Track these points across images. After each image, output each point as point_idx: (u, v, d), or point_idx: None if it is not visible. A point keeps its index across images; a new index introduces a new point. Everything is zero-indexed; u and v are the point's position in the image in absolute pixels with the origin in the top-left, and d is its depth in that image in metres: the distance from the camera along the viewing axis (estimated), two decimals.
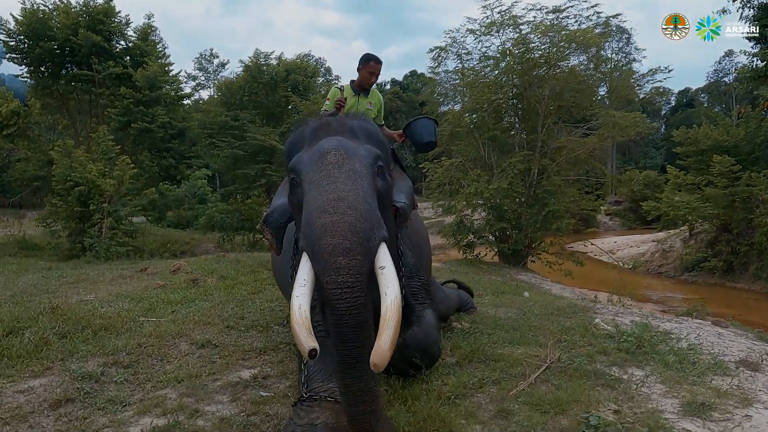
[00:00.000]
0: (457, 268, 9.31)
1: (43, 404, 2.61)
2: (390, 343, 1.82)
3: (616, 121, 10.14)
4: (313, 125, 2.51)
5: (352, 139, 2.38)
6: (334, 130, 2.42)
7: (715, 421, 2.50)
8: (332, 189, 2.02)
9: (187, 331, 3.84)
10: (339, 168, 2.11)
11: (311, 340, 1.79)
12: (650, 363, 3.29)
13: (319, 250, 1.92)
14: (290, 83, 15.05)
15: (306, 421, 2.13)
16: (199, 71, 49.84)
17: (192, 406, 2.62)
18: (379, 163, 2.33)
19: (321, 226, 1.93)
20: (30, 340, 3.36)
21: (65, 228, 11.63)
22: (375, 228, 2.01)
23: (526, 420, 2.46)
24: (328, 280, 1.87)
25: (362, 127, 2.53)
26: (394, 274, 2.02)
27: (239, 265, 7.19)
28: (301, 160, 2.30)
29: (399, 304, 1.92)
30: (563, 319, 4.47)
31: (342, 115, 2.70)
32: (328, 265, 1.88)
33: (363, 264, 1.91)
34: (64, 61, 14.86)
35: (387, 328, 1.84)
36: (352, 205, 1.97)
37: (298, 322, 1.85)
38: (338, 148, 2.20)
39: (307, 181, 2.15)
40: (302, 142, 2.50)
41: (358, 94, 3.93)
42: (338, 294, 1.85)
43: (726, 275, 14.07)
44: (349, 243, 1.89)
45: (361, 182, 2.10)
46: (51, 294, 5.42)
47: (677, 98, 50.73)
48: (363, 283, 1.89)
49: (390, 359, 1.82)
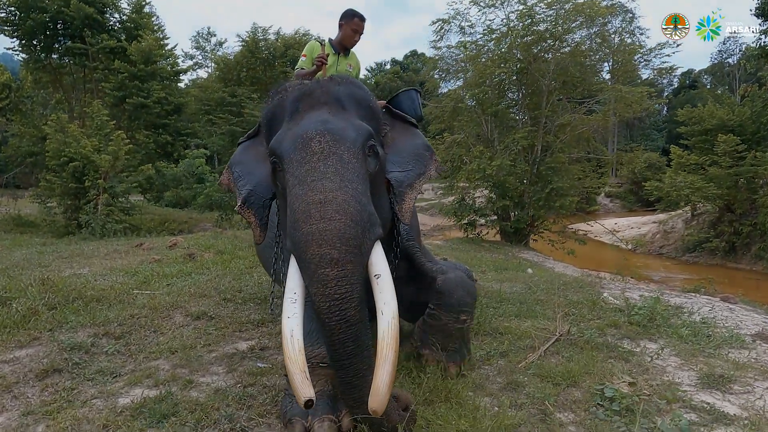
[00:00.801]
0: (459, 246, 9.18)
1: (29, 374, 2.48)
2: (388, 382, 1.62)
3: (623, 95, 9.90)
4: (294, 94, 2.18)
5: (340, 112, 2.10)
6: (318, 101, 2.12)
7: (735, 394, 2.38)
8: (318, 188, 1.79)
9: (183, 303, 3.71)
10: (325, 160, 1.87)
11: (307, 388, 1.62)
12: (663, 336, 3.18)
13: (305, 259, 1.74)
14: (288, 59, 14.75)
15: None
16: (197, 50, 49.04)
17: (185, 377, 2.50)
18: (371, 142, 2.07)
19: (307, 234, 1.74)
20: (17, 311, 3.22)
21: (60, 204, 11.47)
22: (367, 230, 1.82)
23: (537, 392, 2.34)
24: (316, 292, 1.70)
25: (350, 94, 2.19)
26: (391, 286, 1.83)
27: (237, 240, 7.05)
28: (282, 144, 2.01)
29: (397, 327, 1.73)
30: (570, 294, 4.36)
31: (326, 80, 2.30)
32: (315, 277, 1.70)
33: (354, 273, 1.73)
34: (57, 34, 14.47)
35: (385, 362, 1.64)
36: (341, 207, 1.76)
37: (291, 359, 1.67)
38: (323, 134, 1.92)
39: (291, 173, 1.91)
40: (282, 113, 2.19)
41: (338, 53, 3.50)
42: (327, 307, 1.68)
43: (728, 256, 13.98)
44: (337, 252, 1.70)
45: (350, 176, 1.87)
46: (44, 268, 5.28)
47: (680, 79, 50.12)
48: (355, 294, 1.72)
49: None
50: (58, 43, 14.64)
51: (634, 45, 11.97)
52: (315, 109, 2.08)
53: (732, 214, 13.97)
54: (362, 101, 2.22)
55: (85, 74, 15.25)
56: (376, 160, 2.11)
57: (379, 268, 1.85)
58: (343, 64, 3.54)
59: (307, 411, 1.90)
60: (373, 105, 2.31)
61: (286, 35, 15.73)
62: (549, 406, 2.20)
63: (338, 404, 1.96)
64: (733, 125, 14.61)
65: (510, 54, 10.68)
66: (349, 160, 1.90)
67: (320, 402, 1.92)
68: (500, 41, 10.66)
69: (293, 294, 1.84)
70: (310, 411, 1.90)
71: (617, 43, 11.57)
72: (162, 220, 14.71)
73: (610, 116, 10.93)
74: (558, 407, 2.24)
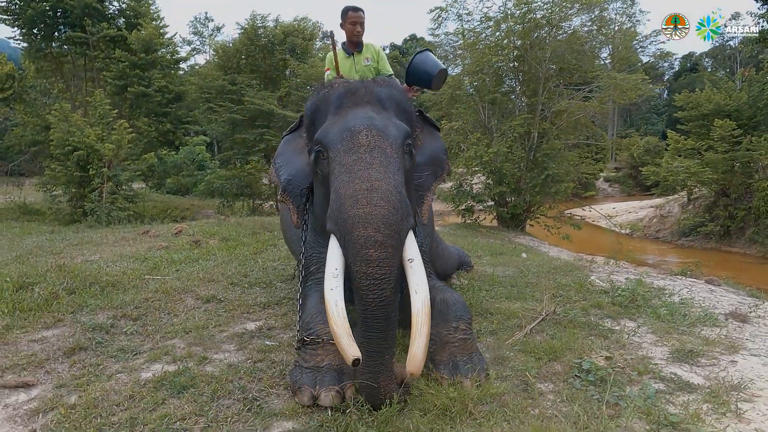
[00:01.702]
0: (456, 232, 9.39)
1: (57, 352, 2.71)
2: (423, 349, 1.91)
3: (618, 83, 10.03)
4: (339, 90, 2.43)
5: (381, 111, 2.34)
6: (362, 99, 2.37)
7: (702, 366, 2.61)
8: (365, 177, 2.02)
9: (192, 287, 3.93)
10: (371, 152, 2.10)
11: (354, 347, 1.86)
12: (642, 316, 3.41)
13: (351, 240, 1.96)
14: (288, 46, 14.79)
15: (312, 363, 2.23)
16: (194, 35, 48.79)
17: (200, 354, 2.73)
18: (408, 141, 2.32)
19: (354, 217, 1.96)
20: (40, 295, 3.44)
21: (66, 193, 11.68)
22: (405, 218, 2.05)
23: (521, 365, 2.57)
24: (358, 270, 1.93)
25: (391, 96, 2.46)
26: (422, 269, 2.09)
27: (240, 227, 7.26)
28: (329, 134, 2.25)
29: (429, 305, 1.99)
30: (560, 277, 4.58)
31: (370, 81, 2.56)
32: (359, 256, 1.93)
33: (394, 256, 1.96)
34: (57, 23, 14.52)
35: (420, 334, 1.93)
36: (385, 195, 1.99)
37: (337, 324, 1.92)
38: (370, 128, 2.16)
39: (337, 161, 2.14)
40: (326, 108, 2.43)
41: (351, 54, 3.57)
42: (367, 285, 1.91)
43: (722, 240, 14.21)
44: (381, 236, 1.93)
45: (392, 168, 2.10)
46: (56, 255, 5.49)
47: (681, 63, 49.85)
48: (393, 275, 1.95)
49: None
50: (58, 32, 14.70)
51: (632, 30, 12.07)
52: (359, 106, 2.33)
53: (727, 198, 14.17)
54: (401, 103, 2.50)
55: (86, 63, 15.33)
56: (411, 159, 2.38)
57: (412, 252, 2.11)
58: (359, 62, 3.57)
59: (315, 381, 2.15)
60: (409, 108, 2.58)
61: (285, 22, 15.73)
62: (530, 377, 2.43)
63: (343, 377, 2.19)
64: (729, 110, 14.73)
65: (508, 41, 10.78)
66: (391, 155, 2.15)
67: (327, 374, 2.17)
68: (498, 28, 10.74)
69: (334, 269, 2.07)
70: (318, 381, 2.14)
71: (616, 28, 11.68)
72: (164, 207, 14.95)
73: (606, 103, 11.06)
74: (539, 379, 2.47)
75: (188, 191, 21.09)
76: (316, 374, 2.19)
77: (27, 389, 2.36)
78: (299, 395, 2.15)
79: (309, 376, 2.19)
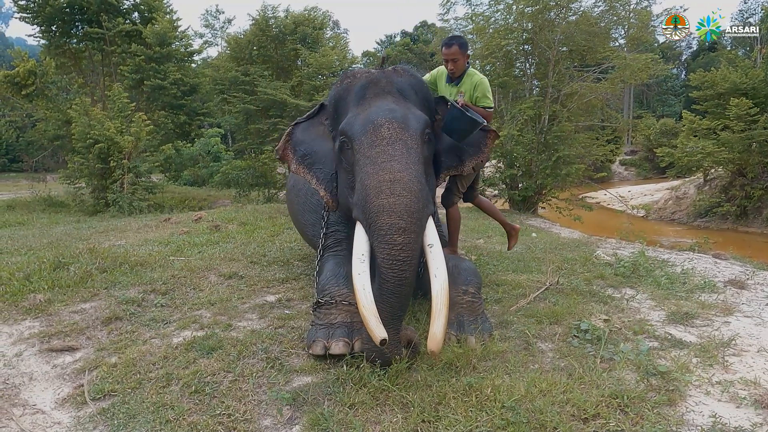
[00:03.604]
0: (468, 215, 9.50)
1: (96, 321, 2.97)
2: (443, 329, 2.08)
3: (628, 63, 9.98)
4: (362, 82, 2.58)
5: (402, 101, 2.50)
6: (383, 90, 2.52)
7: (696, 327, 2.76)
8: (388, 169, 2.22)
9: (215, 266, 4.17)
10: (393, 144, 2.28)
11: (382, 329, 2.04)
12: (643, 284, 3.54)
13: (376, 227, 2.17)
14: (299, 36, 14.90)
15: (326, 321, 2.45)
16: (206, 28, 49.12)
17: (225, 322, 2.95)
18: (428, 130, 2.49)
19: (379, 206, 2.17)
20: (75, 273, 3.71)
21: (88, 185, 12.05)
22: (426, 206, 2.26)
23: (523, 327, 2.74)
24: (383, 254, 2.14)
25: (411, 85, 2.62)
26: (442, 253, 2.28)
27: (257, 213, 7.50)
28: (353, 126, 2.42)
29: (447, 288, 2.18)
30: (566, 252, 4.72)
31: (390, 70, 2.67)
32: (384, 241, 2.14)
33: (416, 241, 2.17)
34: (74, 20, 14.88)
35: (439, 315, 2.10)
36: (407, 186, 2.18)
37: (366, 307, 2.11)
38: (391, 121, 2.33)
39: (362, 153, 2.33)
40: (348, 97, 2.59)
41: (450, 82, 3.25)
42: (390, 266, 2.12)
43: (739, 220, 14.08)
44: (404, 223, 2.13)
45: (413, 159, 2.28)
46: (84, 240, 5.78)
47: (699, 42, 48.64)
48: (414, 258, 2.15)
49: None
50: (75, 29, 15.07)
51: (645, 11, 11.94)
52: (381, 98, 2.50)
53: (744, 178, 14.00)
54: (420, 91, 2.67)
55: (103, 58, 15.68)
56: (431, 147, 2.57)
57: (432, 238, 2.32)
58: (454, 94, 3.22)
59: (328, 335, 2.36)
60: (429, 96, 2.74)
61: (295, 12, 15.84)
62: (530, 336, 2.60)
63: (353, 333, 2.40)
64: (746, 88, 14.48)
65: (519, 24, 10.75)
66: (412, 146, 2.33)
67: (339, 329, 2.39)
68: (510, 11, 10.72)
69: (361, 255, 2.28)
70: (330, 335, 2.36)
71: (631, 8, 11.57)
72: (182, 198, 15.28)
73: (617, 84, 11.01)
74: (540, 339, 2.64)
75: (204, 182, 21.46)
76: (329, 329, 2.42)
77: (72, 352, 2.61)
78: (313, 347, 2.39)
79: (323, 331, 2.42)
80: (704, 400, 2.02)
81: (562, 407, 1.93)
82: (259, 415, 2.01)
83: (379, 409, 2.01)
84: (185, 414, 1.99)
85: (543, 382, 2.11)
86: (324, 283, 2.61)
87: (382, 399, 2.07)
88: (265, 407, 2.06)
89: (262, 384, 2.24)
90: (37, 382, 2.34)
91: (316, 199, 3.24)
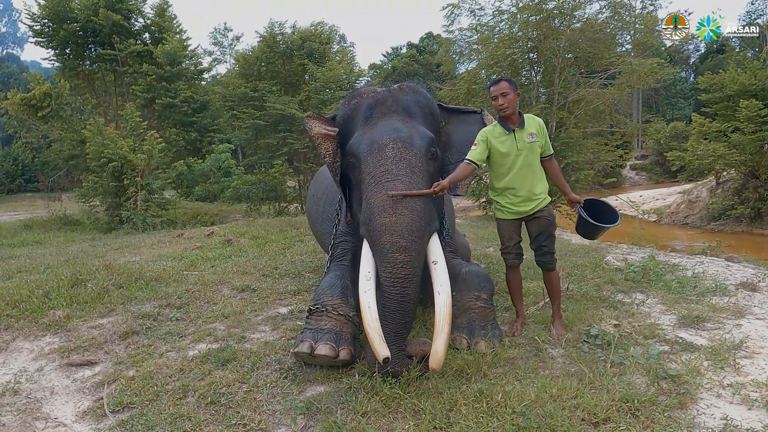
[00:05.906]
0: (477, 224, 9.54)
1: (113, 336, 3.03)
2: (445, 346, 2.13)
3: (633, 68, 9.99)
4: (368, 101, 2.67)
5: (407, 119, 2.58)
6: (389, 109, 2.61)
7: (707, 330, 2.75)
8: (391, 188, 2.30)
9: (228, 279, 4.23)
10: (397, 164, 2.36)
11: (385, 348, 2.11)
12: (653, 289, 3.54)
13: (379, 244, 2.26)
14: (306, 51, 15.13)
15: (316, 326, 2.51)
16: (215, 46, 49.97)
17: (239, 334, 3.01)
18: (432, 148, 2.56)
19: (381, 225, 2.26)
20: (92, 290, 3.79)
21: (103, 203, 12.27)
22: (428, 223, 2.33)
23: (532, 333, 2.76)
24: (385, 272, 2.22)
25: (416, 102, 2.69)
26: (446, 271, 2.33)
27: (268, 226, 7.58)
28: (359, 146, 2.51)
29: (450, 304, 2.24)
30: (576, 258, 4.72)
31: (396, 89, 2.73)
32: (386, 259, 2.22)
33: (417, 258, 2.24)
34: (87, 42, 15.26)
35: (441, 332, 2.15)
36: (409, 204, 2.27)
37: (371, 326, 2.17)
38: (396, 141, 2.42)
39: (367, 172, 2.42)
40: (356, 117, 2.68)
41: (512, 131, 2.83)
42: (392, 283, 2.21)
43: (753, 222, 13.88)
44: (405, 241, 2.21)
45: (416, 178, 2.36)
46: (100, 257, 5.89)
47: (707, 44, 48.37)
48: (416, 276, 2.23)
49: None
50: (88, 51, 15.45)
51: (652, 15, 11.98)
52: (387, 117, 2.59)
53: (757, 180, 13.83)
54: (425, 107, 2.74)
55: (116, 79, 16.04)
56: (436, 163, 2.64)
57: (436, 255, 2.38)
58: (522, 138, 2.85)
59: (315, 337, 2.43)
60: (434, 110, 2.80)
61: (302, 28, 16.10)
62: (541, 342, 2.62)
63: (341, 341, 2.44)
64: (755, 90, 14.36)
65: (524, 32, 10.83)
66: (416, 165, 2.42)
67: (327, 334, 2.44)
68: (514, 20, 10.79)
69: (367, 272, 2.36)
70: (318, 337, 2.42)
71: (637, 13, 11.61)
72: (195, 213, 15.49)
73: (624, 89, 11.01)
74: (550, 345, 2.66)
75: (216, 198, 21.77)
76: (317, 333, 2.47)
77: (91, 366, 2.68)
78: (300, 346, 2.42)
79: (311, 334, 2.47)
80: (715, 403, 2.02)
81: (572, 412, 1.95)
82: (273, 424, 2.06)
83: (392, 417, 2.04)
84: (202, 425, 2.04)
85: (553, 387, 2.13)
86: (320, 293, 2.67)
87: (394, 407, 2.10)
88: (279, 417, 2.10)
89: (276, 394, 2.28)
90: (58, 395, 2.40)
91: (332, 210, 3.32)
